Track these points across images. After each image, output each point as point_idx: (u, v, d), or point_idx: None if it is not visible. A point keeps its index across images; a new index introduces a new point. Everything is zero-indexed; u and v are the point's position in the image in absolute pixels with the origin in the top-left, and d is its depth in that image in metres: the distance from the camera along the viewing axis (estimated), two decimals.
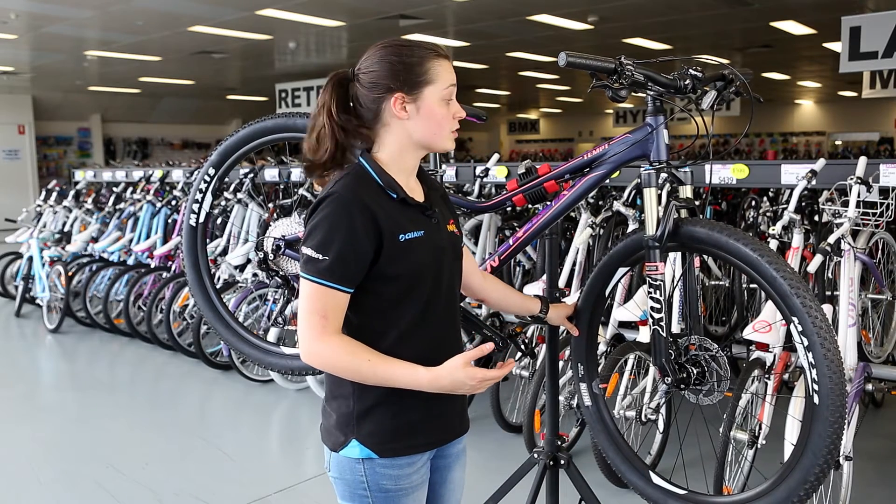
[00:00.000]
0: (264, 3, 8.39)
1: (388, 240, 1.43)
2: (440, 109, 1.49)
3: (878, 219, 2.91)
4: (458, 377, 1.42)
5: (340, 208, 1.41)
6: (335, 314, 1.42)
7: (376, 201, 1.44)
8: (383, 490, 1.48)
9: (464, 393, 1.46)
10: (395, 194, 1.47)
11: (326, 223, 1.41)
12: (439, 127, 1.50)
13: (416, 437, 1.50)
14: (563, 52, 1.70)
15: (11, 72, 13.54)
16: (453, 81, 1.51)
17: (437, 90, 1.48)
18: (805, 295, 1.59)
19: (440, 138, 1.52)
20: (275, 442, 4.14)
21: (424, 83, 1.47)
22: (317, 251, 1.40)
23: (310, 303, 1.42)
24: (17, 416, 4.42)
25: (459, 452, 1.66)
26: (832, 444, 1.60)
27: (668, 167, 1.82)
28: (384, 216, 1.43)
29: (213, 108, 19.70)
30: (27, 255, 6.86)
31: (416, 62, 1.48)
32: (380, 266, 1.43)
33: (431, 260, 1.49)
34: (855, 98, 16.81)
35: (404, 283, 1.45)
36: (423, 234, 1.48)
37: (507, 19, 9.56)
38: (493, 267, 2.25)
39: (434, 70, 1.48)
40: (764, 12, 9.17)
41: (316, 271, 1.40)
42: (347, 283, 1.42)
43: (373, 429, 1.47)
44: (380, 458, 1.47)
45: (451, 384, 1.43)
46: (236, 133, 2.47)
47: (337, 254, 1.39)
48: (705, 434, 2.69)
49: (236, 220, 5.42)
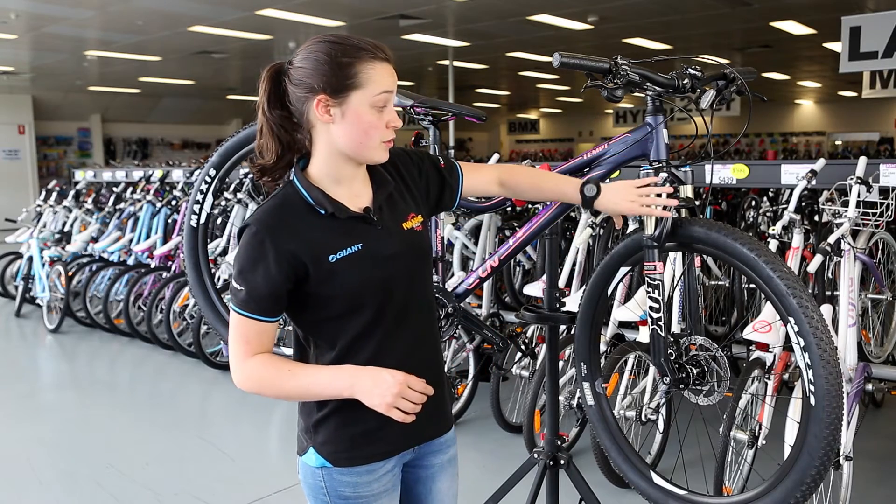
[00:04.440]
0: (264, 3, 8.40)
1: (314, 264, 1.36)
2: (368, 116, 1.36)
3: (878, 219, 2.91)
4: (382, 374, 1.35)
5: (254, 241, 1.35)
6: (258, 339, 1.39)
7: (299, 224, 1.37)
8: (343, 497, 1.45)
9: (378, 398, 1.34)
10: (323, 210, 1.39)
11: (242, 255, 1.37)
12: (365, 136, 1.38)
13: (373, 446, 1.45)
14: (556, 53, 1.70)
15: (11, 72, 13.55)
16: (389, 87, 1.38)
17: (367, 96, 1.36)
18: (802, 295, 1.59)
19: (366, 148, 1.39)
20: (275, 442, 4.14)
21: (352, 87, 1.35)
22: (236, 282, 1.37)
23: (235, 330, 1.40)
24: (17, 416, 4.42)
25: (445, 463, 1.58)
26: (828, 445, 1.60)
27: (668, 167, 1.82)
28: (307, 240, 1.36)
29: (213, 108, 19.70)
30: (27, 255, 6.87)
31: (347, 63, 1.35)
32: (312, 288, 1.38)
33: (375, 272, 1.40)
34: (855, 98, 16.81)
35: (346, 299, 1.39)
36: (362, 247, 1.39)
37: (507, 19, 9.56)
38: (493, 267, 2.25)
39: (366, 73, 1.35)
40: (764, 12, 9.17)
41: (236, 302, 1.38)
42: (265, 313, 1.37)
43: (326, 438, 1.44)
44: (335, 467, 1.44)
45: (371, 381, 1.35)
46: (237, 134, 2.48)
47: (251, 287, 1.36)
48: (705, 434, 2.69)
49: (236, 220, 5.43)
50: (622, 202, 1.71)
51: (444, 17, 9.53)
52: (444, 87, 13.58)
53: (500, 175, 1.74)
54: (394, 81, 1.40)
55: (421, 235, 1.51)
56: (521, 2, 8.64)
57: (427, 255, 1.52)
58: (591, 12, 9.17)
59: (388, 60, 1.39)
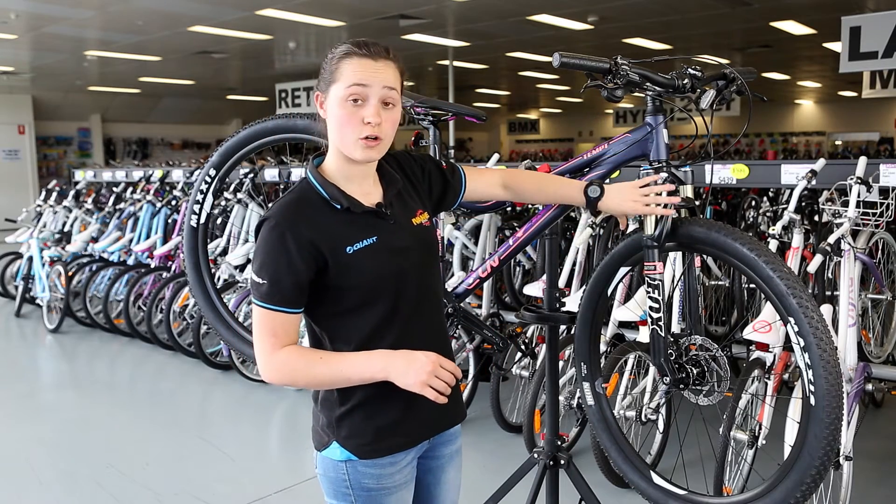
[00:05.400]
0: (264, 3, 8.39)
1: (333, 255, 1.40)
2: (340, 110, 1.39)
3: (878, 219, 2.91)
4: (415, 355, 1.40)
5: (275, 234, 1.39)
6: (285, 331, 1.41)
7: (317, 217, 1.41)
8: (366, 489, 1.48)
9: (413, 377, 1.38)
10: (338, 205, 1.43)
11: (262, 248, 1.40)
12: (342, 131, 1.41)
13: (395, 437, 1.48)
14: (556, 53, 1.70)
15: (11, 72, 13.54)
16: (359, 81, 1.38)
17: (339, 89, 1.39)
18: (802, 295, 1.59)
19: (345, 144, 1.41)
20: (275, 442, 4.14)
21: (332, 81, 1.41)
22: (257, 276, 1.40)
23: (260, 325, 1.42)
24: (17, 416, 4.42)
25: (453, 453, 1.64)
26: (828, 445, 1.60)
27: (668, 167, 1.82)
28: (325, 232, 1.40)
29: (213, 108, 19.71)
30: (27, 255, 6.86)
31: (331, 59, 1.42)
32: (330, 280, 1.41)
33: (389, 264, 1.44)
34: (855, 98, 16.82)
35: (362, 291, 1.42)
36: (376, 240, 1.43)
37: (507, 19, 9.56)
38: (493, 267, 2.25)
39: (342, 68, 1.40)
40: (764, 12, 9.17)
41: (259, 295, 1.40)
42: (290, 304, 1.40)
43: (351, 431, 1.47)
44: (361, 460, 1.46)
45: (405, 362, 1.39)
46: (237, 134, 2.48)
47: (273, 279, 1.38)
48: (705, 434, 2.69)
49: (236, 220, 5.43)
50: (625, 202, 1.75)
51: (444, 17, 9.53)
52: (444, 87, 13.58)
53: (504, 178, 1.77)
54: (372, 76, 1.39)
55: (429, 231, 1.56)
56: (521, 2, 8.64)
57: (436, 251, 1.57)
58: (591, 12, 9.17)
59: (368, 56, 1.40)
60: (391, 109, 1.43)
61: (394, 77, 1.43)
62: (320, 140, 1.53)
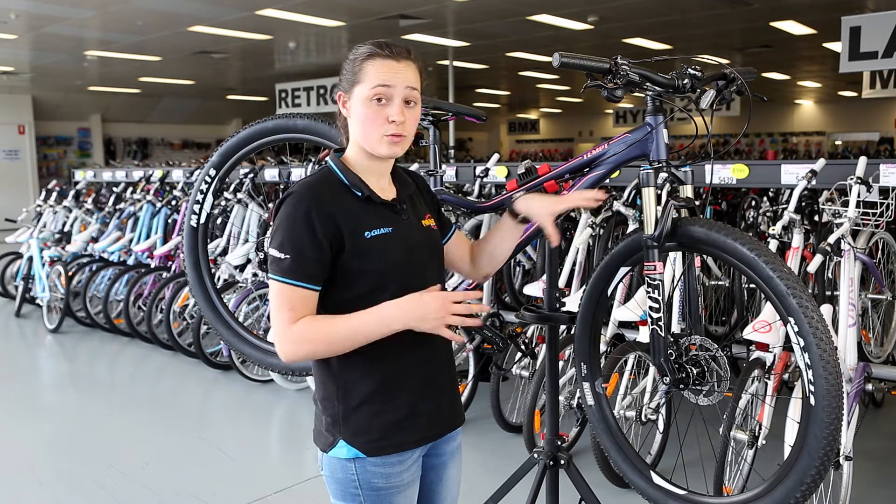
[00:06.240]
0: (264, 3, 8.40)
1: (351, 237, 1.43)
2: (365, 109, 1.45)
3: (878, 219, 2.91)
4: (425, 297, 1.40)
5: (298, 208, 1.42)
6: (303, 306, 1.42)
7: (338, 200, 1.45)
8: (374, 488, 1.48)
9: (432, 321, 1.39)
10: (360, 192, 1.48)
11: (286, 223, 1.42)
12: (366, 129, 1.47)
13: (403, 435, 1.49)
14: (556, 53, 1.70)
15: (11, 72, 13.55)
16: (384, 82, 1.45)
17: (364, 89, 1.45)
18: (802, 295, 1.59)
19: (370, 141, 1.48)
20: (275, 442, 4.14)
21: (355, 82, 1.47)
22: (279, 251, 1.42)
23: (278, 300, 1.43)
24: (17, 416, 4.42)
25: (454, 450, 1.65)
26: (828, 445, 1.60)
27: (668, 167, 1.82)
28: (346, 214, 1.44)
29: (213, 108, 19.71)
30: (27, 255, 6.87)
31: (354, 60, 1.48)
32: (345, 262, 1.44)
33: (402, 255, 1.48)
34: (855, 98, 16.82)
35: (374, 277, 1.45)
36: (392, 231, 1.47)
37: (507, 19, 9.56)
38: None
39: (366, 69, 1.46)
40: (764, 12, 9.17)
41: (280, 270, 1.42)
42: (311, 280, 1.42)
43: (359, 428, 1.47)
44: (369, 457, 1.47)
45: (419, 307, 1.39)
46: (237, 134, 2.48)
47: (297, 253, 1.40)
48: (705, 434, 2.69)
49: (236, 220, 5.43)
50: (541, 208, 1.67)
51: (444, 17, 9.53)
52: (444, 87, 13.57)
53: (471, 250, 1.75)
54: (395, 76, 1.46)
55: (436, 234, 1.62)
56: (521, 2, 8.64)
57: (440, 253, 1.63)
58: (591, 12, 9.17)
59: (391, 56, 1.46)
60: (413, 108, 1.49)
61: (415, 77, 1.49)
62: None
